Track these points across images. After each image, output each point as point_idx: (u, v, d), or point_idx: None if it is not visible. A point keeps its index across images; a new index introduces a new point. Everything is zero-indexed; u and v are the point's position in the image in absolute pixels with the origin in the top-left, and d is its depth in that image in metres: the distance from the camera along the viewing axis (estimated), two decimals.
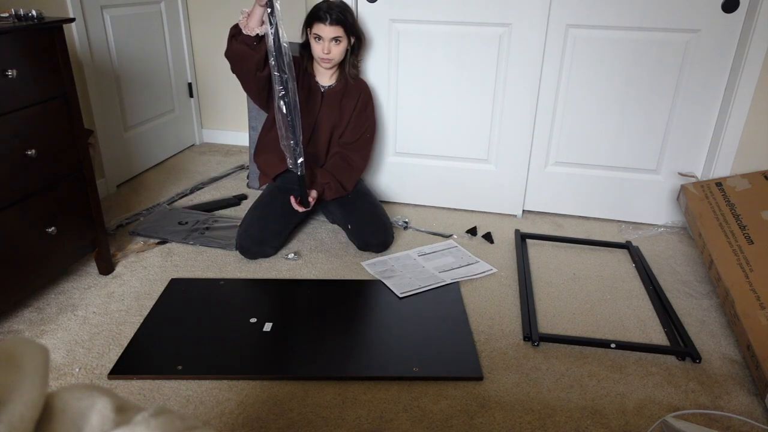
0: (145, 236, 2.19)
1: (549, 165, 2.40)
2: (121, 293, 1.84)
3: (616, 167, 2.34)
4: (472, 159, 2.43)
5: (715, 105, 2.17)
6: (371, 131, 2.21)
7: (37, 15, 1.56)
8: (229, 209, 2.46)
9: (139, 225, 2.25)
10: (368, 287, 1.89)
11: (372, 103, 2.21)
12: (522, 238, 2.23)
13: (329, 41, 1.99)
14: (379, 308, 1.78)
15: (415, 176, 2.51)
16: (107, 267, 1.93)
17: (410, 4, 2.22)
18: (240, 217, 2.26)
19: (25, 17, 1.54)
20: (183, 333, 1.63)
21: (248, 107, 2.60)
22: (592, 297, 1.89)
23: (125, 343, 1.60)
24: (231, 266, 2.01)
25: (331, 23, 1.96)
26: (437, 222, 2.41)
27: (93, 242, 1.87)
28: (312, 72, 2.13)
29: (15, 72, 1.48)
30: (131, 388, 1.44)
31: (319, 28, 1.97)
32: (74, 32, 2.28)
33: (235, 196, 2.55)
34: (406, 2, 2.22)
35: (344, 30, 1.99)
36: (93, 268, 1.95)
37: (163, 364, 1.51)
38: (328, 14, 1.95)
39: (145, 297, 1.82)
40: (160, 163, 2.98)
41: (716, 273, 1.80)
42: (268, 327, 1.67)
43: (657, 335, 1.70)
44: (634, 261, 2.09)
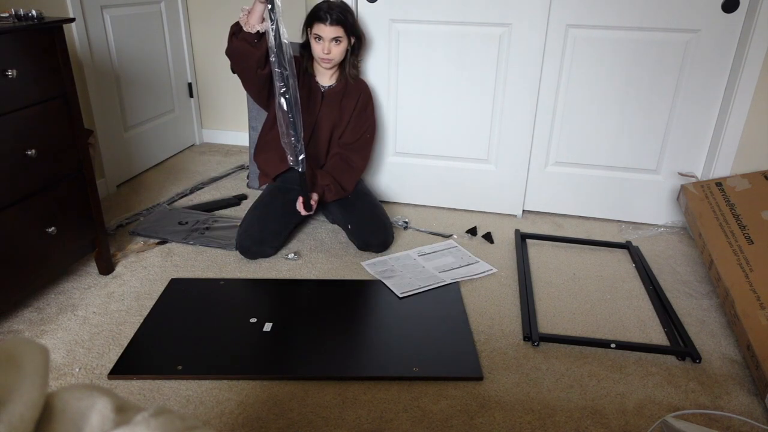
0: (145, 236, 2.19)
1: (549, 165, 2.40)
2: (121, 293, 1.84)
3: (616, 167, 2.35)
4: (472, 159, 2.43)
5: (715, 105, 2.17)
6: (371, 131, 2.21)
7: (37, 15, 1.56)
8: (229, 209, 2.46)
9: (139, 225, 2.25)
10: (368, 287, 1.89)
11: (372, 104, 2.21)
12: (522, 238, 2.23)
13: (329, 41, 1.99)
14: (379, 308, 1.78)
15: (415, 176, 2.51)
16: (107, 267, 1.93)
17: (410, 4, 2.22)
18: (240, 217, 2.26)
19: (25, 17, 1.54)
20: (183, 333, 1.63)
21: (248, 107, 2.60)
22: (592, 297, 1.89)
23: (125, 343, 1.60)
24: (231, 266, 2.01)
25: (332, 23, 1.96)
26: (437, 222, 2.41)
27: (93, 242, 1.87)
28: (312, 72, 2.13)
29: (15, 72, 1.48)
30: (131, 388, 1.44)
31: (320, 28, 1.97)
32: (74, 32, 2.28)
33: (235, 196, 2.55)
34: (406, 2, 2.22)
35: (344, 30, 1.99)
36: (93, 268, 1.95)
37: (163, 364, 1.51)
38: (329, 14, 1.95)
39: (145, 297, 1.82)
40: (160, 163, 2.98)
41: (716, 273, 1.80)
42: (268, 327, 1.67)
43: (657, 335, 1.70)
44: (634, 261, 2.09)
